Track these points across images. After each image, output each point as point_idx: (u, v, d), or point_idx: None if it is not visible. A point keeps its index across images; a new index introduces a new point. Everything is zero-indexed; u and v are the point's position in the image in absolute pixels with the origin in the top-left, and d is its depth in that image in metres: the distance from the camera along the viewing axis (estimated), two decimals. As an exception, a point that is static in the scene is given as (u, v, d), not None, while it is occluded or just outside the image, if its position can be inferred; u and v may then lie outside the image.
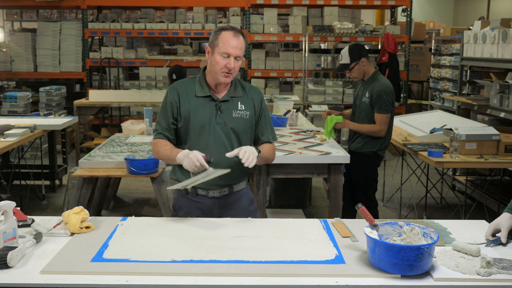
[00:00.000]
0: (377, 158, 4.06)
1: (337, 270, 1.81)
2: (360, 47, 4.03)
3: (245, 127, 2.45)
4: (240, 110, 2.44)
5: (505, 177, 5.36)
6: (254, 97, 2.50)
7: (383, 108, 3.87)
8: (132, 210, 5.29)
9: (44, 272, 1.78)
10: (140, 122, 5.24)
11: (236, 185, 2.51)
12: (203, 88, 2.43)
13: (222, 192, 2.48)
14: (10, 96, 6.89)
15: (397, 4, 8.31)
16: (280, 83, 9.36)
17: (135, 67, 9.41)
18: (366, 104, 3.95)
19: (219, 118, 2.40)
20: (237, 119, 2.43)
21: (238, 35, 2.35)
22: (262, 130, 2.53)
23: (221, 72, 2.35)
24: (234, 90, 2.46)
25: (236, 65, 2.35)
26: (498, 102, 5.03)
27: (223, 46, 2.32)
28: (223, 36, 2.34)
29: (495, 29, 5.31)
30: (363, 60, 3.95)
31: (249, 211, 2.55)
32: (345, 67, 4.00)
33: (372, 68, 4.01)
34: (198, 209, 2.48)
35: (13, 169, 5.57)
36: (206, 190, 2.46)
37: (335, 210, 3.70)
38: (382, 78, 3.99)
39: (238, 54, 2.34)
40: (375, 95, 3.87)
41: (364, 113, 3.99)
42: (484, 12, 13.47)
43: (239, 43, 2.34)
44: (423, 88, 10.31)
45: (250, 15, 8.17)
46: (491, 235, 2.09)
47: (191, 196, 2.49)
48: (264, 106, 2.54)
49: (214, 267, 1.82)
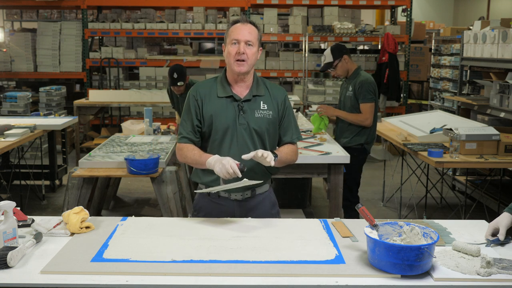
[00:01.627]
0: (363, 153, 4.22)
1: (337, 270, 1.81)
2: (341, 46, 4.27)
3: (268, 128, 2.39)
4: (262, 109, 2.38)
5: (505, 177, 5.36)
6: (278, 96, 2.44)
7: (366, 98, 4.08)
8: (132, 210, 5.29)
9: (44, 272, 1.78)
10: (140, 122, 5.24)
11: (258, 188, 2.46)
12: (225, 88, 2.38)
13: (245, 195, 2.43)
14: (10, 96, 6.89)
15: (397, 4, 8.31)
16: (280, 83, 9.36)
17: (135, 67, 9.41)
18: (350, 97, 4.17)
19: (241, 119, 2.34)
20: (259, 119, 2.36)
21: (246, 23, 2.34)
22: (285, 130, 2.47)
23: (234, 61, 2.31)
24: (256, 89, 2.40)
25: (249, 51, 2.31)
26: (498, 102, 5.03)
27: (231, 34, 2.32)
28: (232, 27, 2.35)
29: (495, 29, 5.31)
30: (345, 57, 4.18)
31: (271, 214, 2.50)
32: (329, 65, 4.23)
33: (354, 65, 4.25)
34: (219, 211, 2.43)
35: (13, 169, 5.57)
36: (228, 192, 2.41)
37: (335, 210, 3.71)
38: (363, 72, 4.21)
39: (248, 38, 2.30)
40: (358, 86, 4.10)
41: (348, 107, 4.21)
42: (484, 12, 13.47)
43: (247, 28, 2.32)
44: (423, 88, 10.30)
45: (250, 15, 8.17)
46: (490, 235, 2.09)
47: (213, 198, 2.45)
48: (288, 105, 2.48)
49: (214, 267, 1.82)
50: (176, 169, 3.89)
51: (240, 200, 2.43)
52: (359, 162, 4.23)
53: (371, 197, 5.88)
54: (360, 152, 4.18)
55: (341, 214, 3.76)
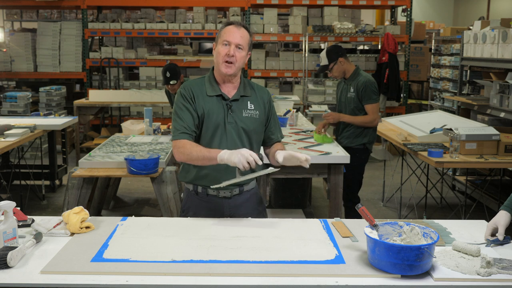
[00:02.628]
0: (366, 152, 4.24)
1: (337, 270, 1.81)
2: (336, 48, 4.26)
3: (255, 127, 2.44)
4: (250, 109, 2.43)
5: (505, 177, 5.36)
6: (264, 96, 2.50)
7: (372, 98, 4.10)
8: (132, 210, 5.29)
9: (44, 272, 1.78)
10: (140, 122, 5.24)
11: (246, 185, 2.50)
12: (213, 87, 2.42)
13: (233, 192, 2.47)
14: (10, 96, 6.89)
15: (397, 4, 8.30)
16: (280, 83, 9.36)
17: (135, 67, 9.41)
18: (353, 98, 4.17)
19: (230, 118, 2.39)
20: (247, 119, 2.42)
21: (239, 26, 2.37)
22: (273, 129, 2.54)
23: (222, 61, 2.34)
24: (243, 89, 2.45)
25: (238, 54, 2.33)
26: (498, 102, 5.03)
27: (224, 35, 2.35)
28: (225, 28, 2.38)
29: (495, 29, 5.31)
30: (341, 59, 4.17)
31: (258, 211, 2.56)
32: (325, 68, 4.24)
33: (352, 66, 4.24)
34: (208, 209, 2.46)
35: (13, 169, 5.57)
36: (217, 190, 2.44)
37: (335, 210, 3.71)
38: (363, 73, 4.22)
39: (239, 42, 2.33)
40: (361, 87, 4.09)
41: (350, 108, 4.19)
42: (484, 12, 13.46)
43: (240, 32, 2.35)
44: (423, 88, 10.30)
45: (250, 15, 8.17)
46: (490, 235, 2.09)
47: (201, 197, 2.47)
48: (273, 106, 2.56)
49: (214, 267, 1.82)
50: (176, 169, 3.89)
51: (229, 198, 2.47)
52: (362, 162, 4.24)
53: (371, 197, 5.88)
54: (363, 152, 4.19)
55: (341, 214, 3.75)
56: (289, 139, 4.23)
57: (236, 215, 2.44)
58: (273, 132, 2.55)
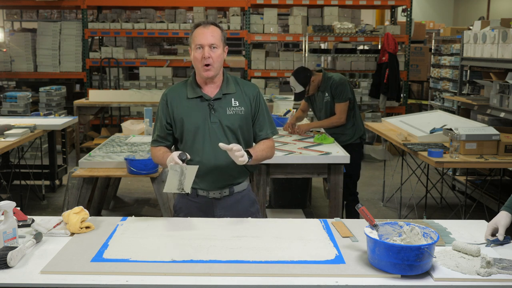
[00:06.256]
0: (361, 145, 4.48)
1: (337, 270, 1.81)
2: (304, 71, 4.36)
3: (240, 124, 2.43)
4: (234, 106, 2.42)
5: (505, 177, 5.36)
6: (249, 92, 2.48)
7: (340, 98, 4.25)
8: (132, 210, 5.29)
9: (44, 272, 1.78)
10: (140, 122, 5.24)
11: (236, 186, 2.50)
12: (194, 90, 2.43)
13: (223, 193, 2.47)
14: (10, 96, 6.89)
15: (397, 4, 8.31)
16: (280, 83, 9.36)
17: (135, 67, 9.41)
18: (329, 101, 4.32)
19: (213, 117, 2.39)
20: (231, 116, 2.41)
21: (207, 25, 2.36)
22: (260, 125, 2.51)
23: (201, 66, 2.35)
24: (226, 87, 2.44)
25: (214, 54, 2.33)
26: (498, 102, 5.03)
27: (195, 39, 2.35)
28: (195, 32, 2.38)
29: (495, 29, 5.31)
30: (312, 79, 4.31)
31: (250, 213, 2.54)
32: (302, 94, 4.36)
33: (319, 75, 4.35)
34: (199, 210, 2.48)
35: (13, 169, 5.57)
36: (206, 191, 2.46)
37: (335, 210, 3.71)
38: (331, 74, 4.37)
39: (211, 42, 2.33)
40: (333, 88, 4.25)
41: (330, 112, 4.34)
42: (484, 12, 13.46)
43: (209, 31, 2.34)
44: (423, 88, 10.30)
45: (250, 15, 8.17)
46: (490, 235, 2.09)
47: (191, 197, 2.49)
48: (262, 101, 2.51)
49: (214, 267, 1.82)
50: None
51: (219, 199, 2.47)
52: (360, 156, 4.48)
53: (371, 197, 5.88)
54: (360, 146, 4.43)
55: (341, 214, 3.75)
56: (289, 139, 4.24)
57: (227, 216, 2.42)
58: (261, 129, 2.51)
